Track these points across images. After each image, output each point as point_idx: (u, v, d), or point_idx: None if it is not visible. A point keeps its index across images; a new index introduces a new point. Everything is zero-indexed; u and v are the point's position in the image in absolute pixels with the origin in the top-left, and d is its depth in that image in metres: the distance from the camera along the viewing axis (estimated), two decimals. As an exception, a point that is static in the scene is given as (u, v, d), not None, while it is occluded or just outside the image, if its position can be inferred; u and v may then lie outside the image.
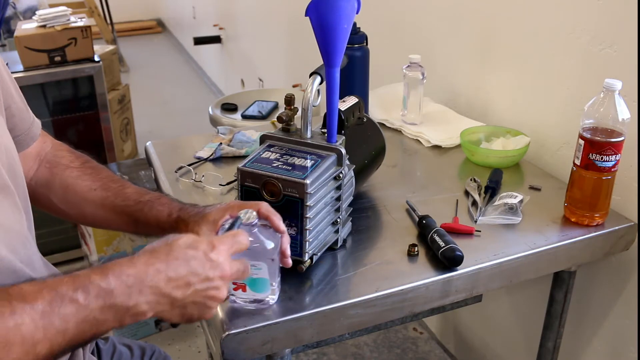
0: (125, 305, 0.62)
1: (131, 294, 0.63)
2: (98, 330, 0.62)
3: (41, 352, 0.56)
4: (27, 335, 0.55)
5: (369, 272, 0.97)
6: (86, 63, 2.61)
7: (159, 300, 0.65)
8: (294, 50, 2.99)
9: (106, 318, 0.61)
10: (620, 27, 1.17)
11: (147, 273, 0.64)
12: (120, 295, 0.62)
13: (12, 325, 0.54)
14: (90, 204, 0.92)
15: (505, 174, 1.28)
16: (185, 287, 0.67)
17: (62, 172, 0.94)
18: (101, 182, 0.93)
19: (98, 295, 0.61)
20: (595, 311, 1.34)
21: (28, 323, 0.55)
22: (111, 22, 5.21)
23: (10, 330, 0.54)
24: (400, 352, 1.93)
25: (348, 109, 1.11)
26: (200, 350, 2.06)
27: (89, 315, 0.60)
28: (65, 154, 0.97)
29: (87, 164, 0.96)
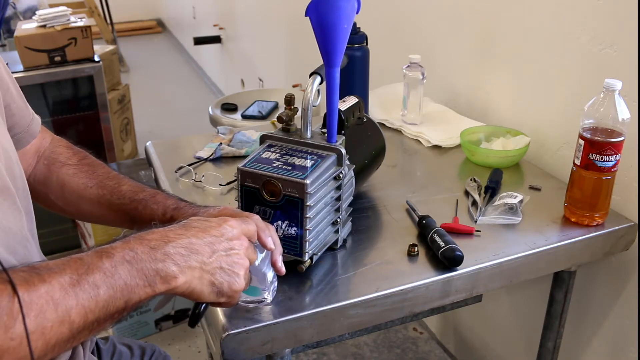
0: (153, 268, 0.62)
1: (156, 256, 0.62)
2: (131, 298, 0.60)
3: (76, 320, 0.56)
4: (59, 301, 0.54)
5: (369, 272, 0.97)
6: (86, 63, 2.61)
7: (186, 261, 0.64)
8: (294, 50, 2.99)
9: (136, 283, 0.61)
10: (620, 27, 1.17)
11: (168, 237, 0.65)
12: (145, 257, 0.62)
13: (43, 292, 0.54)
14: (87, 202, 0.92)
15: (505, 174, 1.28)
16: (209, 249, 0.67)
17: (59, 170, 0.94)
18: (97, 179, 0.93)
19: (123, 259, 0.60)
20: (595, 311, 1.34)
21: (58, 290, 0.55)
22: (111, 22, 5.21)
23: (42, 296, 0.54)
24: (400, 352, 1.93)
25: (348, 109, 1.11)
26: (200, 350, 2.06)
27: (118, 280, 0.59)
28: (63, 151, 0.97)
29: (84, 161, 0.96)
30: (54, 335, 0.54)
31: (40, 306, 0.53)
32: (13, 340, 0.51)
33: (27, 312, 0.52)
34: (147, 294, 0.62)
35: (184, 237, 0.67)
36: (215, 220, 0.72)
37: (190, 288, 0.66)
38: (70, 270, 0.57)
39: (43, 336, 0.54)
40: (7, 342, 0.51)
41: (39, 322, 0.53)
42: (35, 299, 0.53)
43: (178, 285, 0.64)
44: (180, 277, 0.64)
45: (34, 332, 0.53)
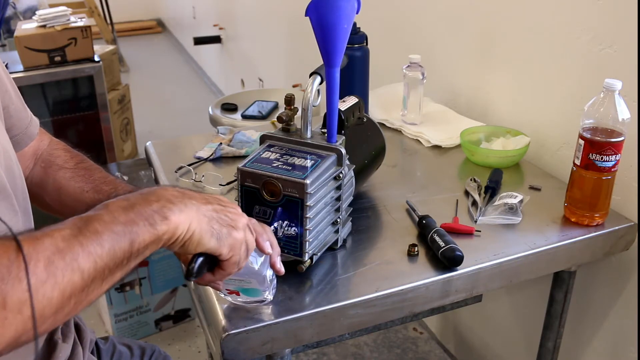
0: (150, 208, 0.62)
1: (150, 199, 0.63)
2: (135, 239, 0.60)
3: (85, 267, 0.56)
4: (65, 250, 0.55)
5: (369, 272, 0.97)
6: (86, 63, 2.61)
7: (182, 201, 0.65)
8: (294, 50, 2.99)
9: (136, 222, 0.61)
10: (620, 27, 1.17)
11: (163, 188, 0.66)
12: (140, 202, 0.62)
13: (47, 244, 0.55)
14: (84, 206, 0.92)
15: (505, 174, 1.28)
16: (203, 199, 0.68)
17: (55, 173, 0.94)
18: (94, 184, 0.92)
19: (119, 207, 0.61)
20: (595, 311, 1.34)
21: (61, 241, 0.55)
22: (111, 22, 5.21)
23: (47, 248, 0.54)
24: (400, 352, 1.93)
25: (348, 109, 1.11)
26: (200, 350, 2.06)
27: (117, 225, 0.60)
28: (61, 153, 0.97)
29: (81, 165, 0.96)
30: (67, 284, 0.55)
31: (47, 257, 0.54)
32: (28, 292, 0.51)
33: (36, 262, 0.53)
34: (150, 233, 0.62)
35: (174, 190, 0.67)
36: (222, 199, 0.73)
37: (191, 229, 0.65)
38: (70, 225, 0.58)
39: (57, 285, 0.54)
40: (24, 294, 0.51)
41: (50, 271, 0.53)
42: (41, 250, 0.54)
43: (179, 224, 0.64)
44: (178, 214, 0.64)
45: (46, 281, 0.53)
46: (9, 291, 0.50)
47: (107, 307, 2.01)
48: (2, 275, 0.50)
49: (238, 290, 0.84)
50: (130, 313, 2.05)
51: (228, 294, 0.85)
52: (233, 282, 0.82)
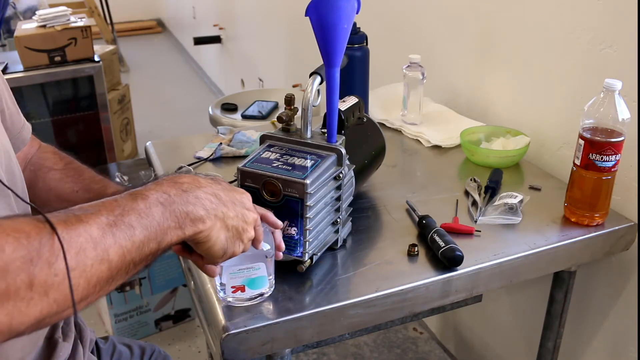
0: (185, 210, 0.64)
1: (188, 199, 0.64)
2: (163, 239, 0.62)
3: (114, 259, 0.57)
4: (97, 240, 0.55)
5: (369, 272, 0.97)
6: (86, 63, 2.61)
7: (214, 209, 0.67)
8: (294, 50, 2.99)
9: (168, 225, 0.62)
10: (620, 27, 1.17)
11: (200, 182, 0.67)
12: (177, 199, 0.63)
13: (81, 230, 0.55)
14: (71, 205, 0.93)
15: (505, 174, 1.28)
16: (233, 209, 0.70)
17: (45, 175, 0.94)
18: (83, 183, 0.93)
19: (157, 201, 0.62)
20: (595, 311, 1.34)
21: (96, 229, 0.56)
22: (111, 22, 5.21)
23: (80, 235, 0.55)
24: (400, 352, 1.93)
25: (348, 109, 1.11)
26: (200, 350, 2.06)
27: (152, 221, 0.61)
28: (50, 156, 0.98)
29: (70, 166, 0.96)
30: (94, 274, 0.55)
31: (79, 244, 0.54)
32: (57, 276, 0.52)
33: (68, 249, 0.53)
34: (177, 236, 0.63)
35: (213, 187, 0.69)
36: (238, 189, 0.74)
37: (208, 237, 0.67)
38: (106, 212, 0.58)
39: (84, 274, 0.54)
40: (52, 277, 0.52)
41: (79, 260, 0.54)
42: (75, 237, 0.54)
43: (203, 230, 0.66)
44: (207, 222, 0.66)
45: (75, 269, 0.53)
46: (37, 274, 0.51)
47: (107, 307, 2.01)
48: (32, 258, 0.51)
49: (244, 285, 0.84)
50: (130, 313, 2.05)
51: (232, 292, 0.85)
52: (242, 274, 0.83)
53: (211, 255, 0.70)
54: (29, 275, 0.50)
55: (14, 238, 0.51)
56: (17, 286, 0.50)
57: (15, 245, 0.51)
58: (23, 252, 0.51)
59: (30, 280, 0.51)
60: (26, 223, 0.53)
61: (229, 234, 0.69)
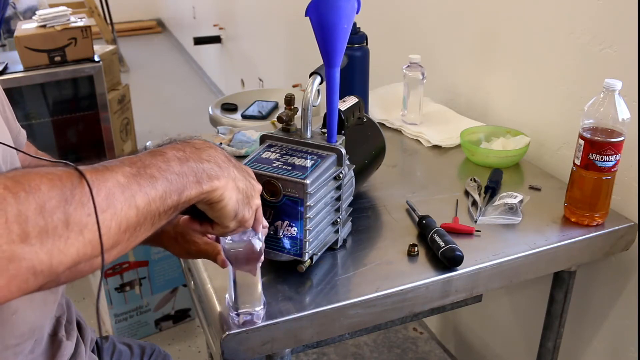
0: (201, 166, 0.66)
1: (202, 156, 0.67)
2: (183, 192, 0.63)
3: (140, 205, 0.58)
4: (125, 186, 0.57)
5: (369, 272, 0.97)
6: (86, 63, 2.61)
7: (227, 168, 0.69)
8: (294, 50, 2.99)
9: (187, 180, 0.64)
10: (620, 27, 1.17)
11: (210, 145, 0.69)
12: (193, 156, 0.66)
13: (109, 176, 0.57)
14: None
15: (505, 174, 1.28)
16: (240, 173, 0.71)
17: None
18: None
19: (174, 157, 0.64)
20: (595, 311, 1.34)
21: (122, 176, 0.58)
22: (111, 22, 5.21)
23: (108, 180, 0.56)
24: (400, 352, 1.93)
25: (348, 109, 1.11)
26: (200, 350, 2.06)
27: (172, 174, 0.63)
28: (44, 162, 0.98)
29: None
30: (124, 218, 0.57)
31: (108, 188, 0.56)
32: (90, 215, 0.53)
33: (97, 192, 0.54)
34: (196, 190, 0.65)
35: (222, 152, 0.71)
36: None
37: (222, 195, 0.68)
38: (129, 164, 0.60)
39: (115, 217, 0.56)
40: (85, 217, 0.53)
41: (110, 202, 0.55)
42: (103, 181, 0.56)
43: (218, 187, 0.67)
44: (222, 179, 0.68)
45: (106, 210, 0.55)
46: (72, 213, 0.52)
47: (107, 307, 2.01)
48: (66, 197, 0.52)
49: None
50: (130, 313, 2.05)
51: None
52: None
53: (224, 216, 0.70)
54: (65, 214, 0.52)
55: (48, 179, 0.52)
56: (55, 224, 0.51)
57: (50, 185, 0.52)
58: (57, 191, 0.52)
59: (67, 219, 0.52)
60: (58, 169, 0.55)
61: (240, 195, 0.71)
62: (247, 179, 0.72)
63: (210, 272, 0.96)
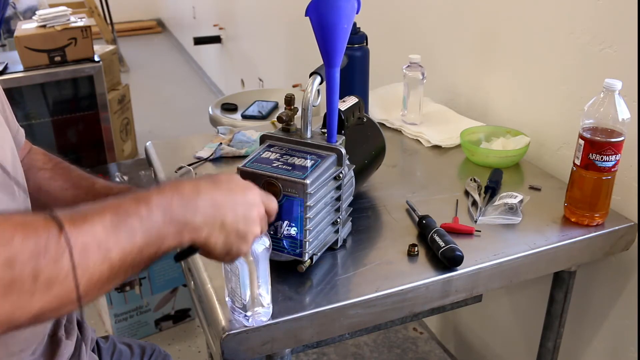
0: (184, 220, 0.65)
1: (187, 207, 0.65)
2: (162, 245, 0.63)
3: (115, 260, 0.58)
4: (101, 240, 0.57)
5: (369, 272, 0.97)
6: (86, 63, 2.61)
7: (212, 217, 0.68)
8: (294, 50, 2.99)
9: (168, 232, 0.63)
10: (620, 27, 1.17)
11: (199, 190, 0.67)
12: (177, 208, 0.64)
13: (87, 229, 0.56)
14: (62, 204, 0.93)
15: (505, 174, 1.28)
16: (233, 212, 0.70)
17: (35, 174, 0.96)
18: (72, 181, 0.95)
19: (158, 208, 0.63)
20: (595, 311, 1.34)
21: (100, 230, 0.57)
22: (111, 22, 5.21)
23: (86, 234, 0.56)
24: (400, 352, 1.93)
25: (348, 109, 1.11)
26: (200, 350, 2.06)
27: (153, 227, 0.62)
28: (40, 157, 0.99)
29: (59, 165, 0.98)
30: (96, 273, 0.56)
31: (84, 243, 0.55)
32: (61, 271, 0.53)
33: (73, 246, 0.54)
34: (175, 242, 0.64)
35: (213, 193, 0.69)
36: (242, 182, 0.74)
37: (207, 242, 0.68)
38: (110, 213, 0.59)
39: (87, 272, 0.55)
40: (56, 273, 0.53)
41: (82, 258, 0.55)
42: (80, 235, 0.55)
43: (200, 237, 0.67)
44: (204, 230, 0.67)
45: (78, 266, 0.54)
46: (43, 268, 0.52)
47: (107, 307, 2.01)
48: (40, 251, 0.51)
49: None
50: (130, 313, 2.05)
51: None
52: None
53: (213, 258, 0.71)
54: (35, 269, 0.51)
55: (23, 231, 0.52)
56: (23, 279, 0.50)
57: (24, 237, 0.51)
58: (31, 245, 0.51)
59: (36, 274, 0.51)
60: (34, 218, 0.54)
61: (229, 237, 0.70)
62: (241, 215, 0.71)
63: (210, 272, 0.96)
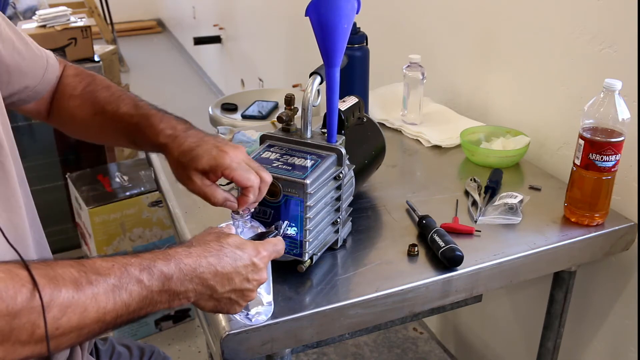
0: (177, 290, 0.68)
1: (184, 281, 0.68)
2: (153, 309, 0.67)
3: (107, 320, 0.62)
4: (101, 304, 0.61)
5: (369, 272, 0.97)
6: (86, 63, 2.60)
7: (203, 290, 0.71)
8: (294, 50, 2.99)
9: (161, 299, 0.67)
10: (620, 27, 1.17)
11: (200, 264, 0.70)
12: (176, 281, 0.68)
13: (89, 294, 0.60)
14: (93, 129, 0.98)
15: (505, 174, 1.28)
16: (228, 283, 0.72)
17: (67, 102, 0.97)
18: (98, 106, 0.95)
19: (159, 278, 0.66)
20: (595, 311, 1.34)
21: (102, 294, 0.61)
22: (111, 22, 5.21)
23: (88, 298, 0.60)
24: (400, 352, 1.93)
25: (348, 109, 1.11)
26: (200, 350, 2.06)
27: (149, 294, 0.65)
28: (70, 81, 1.00)
29: (88, 88, 0.98)
30: (90, 331, 0.62)
31: (85, 307, 0.60)
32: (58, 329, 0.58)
33: (74, 309, 0.59)
34: (164, 307, 0.68)
35: (213, 267, 0.71)
36: (249, 250, 0.75)
37: (196, 304, 0.73)
38: (114, 277, 0.63)
39: (82, 331, 0.61)
40: (27, 335, 0.57)
41: (82, 319, 0.60)
42: (82, 299, 0.60)
43: (190, 301, 0.71)
44: (192, 299, 0.71)
45: (75, 328, 0.60)
46: (14, 330, 0.56)
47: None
48: (14, 312, 0.55)
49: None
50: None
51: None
52: None
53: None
54: (8, 328, 0.55)
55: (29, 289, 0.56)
56: (21, 332, 0.56)
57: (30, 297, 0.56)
58: (36, 303, 0.56)
59: (9, 333, 0.55)
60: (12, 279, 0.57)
61: (220, 303, 0.73)
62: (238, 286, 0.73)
63: (210, 272, 0.96)
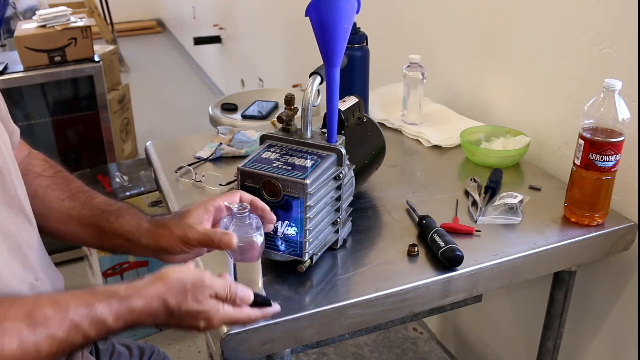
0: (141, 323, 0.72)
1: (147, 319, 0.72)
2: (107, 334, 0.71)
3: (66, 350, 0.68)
4: (43, 353, 0.66)
5: (369, 272, 0.97)
6: (86, 63, 2.61)
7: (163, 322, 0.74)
8: (294, 50, 2.99)
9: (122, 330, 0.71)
10: (621, 27, 1.17)
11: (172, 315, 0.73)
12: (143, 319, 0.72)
13: (31, 342, 0.65)
14: (57, 214, 0.92)
15: (505, 174, 1.28)
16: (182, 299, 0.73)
17: (33, 180, 0.93)
18: (70, 192, 0.92)
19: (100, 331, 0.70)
20: (595, 311, 1.34)
21: (46, 348, 0.66)
22: (111, 22, 5.20)
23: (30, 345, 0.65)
24: (400, 352, 1.93)
25: (348, 109, 1.11)
26: (200, 350, 2.06)
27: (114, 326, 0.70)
28: (40, 163, 0.97)
29: (59, 174, 0.95)
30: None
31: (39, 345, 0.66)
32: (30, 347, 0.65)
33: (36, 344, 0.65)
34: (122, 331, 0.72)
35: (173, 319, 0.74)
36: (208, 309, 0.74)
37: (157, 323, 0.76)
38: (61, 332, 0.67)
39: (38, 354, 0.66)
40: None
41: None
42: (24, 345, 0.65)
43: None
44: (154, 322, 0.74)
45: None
46: None
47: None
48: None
49: None
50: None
51: None
52: None
53: None
54: None
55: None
56: None
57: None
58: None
59: None
60: None
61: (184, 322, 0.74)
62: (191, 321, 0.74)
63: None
